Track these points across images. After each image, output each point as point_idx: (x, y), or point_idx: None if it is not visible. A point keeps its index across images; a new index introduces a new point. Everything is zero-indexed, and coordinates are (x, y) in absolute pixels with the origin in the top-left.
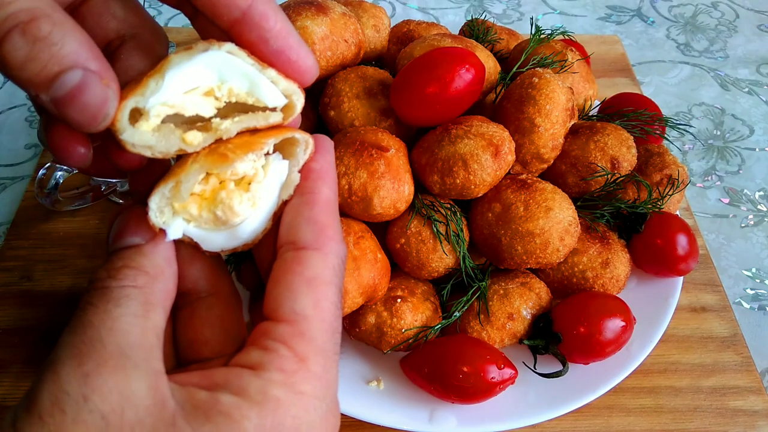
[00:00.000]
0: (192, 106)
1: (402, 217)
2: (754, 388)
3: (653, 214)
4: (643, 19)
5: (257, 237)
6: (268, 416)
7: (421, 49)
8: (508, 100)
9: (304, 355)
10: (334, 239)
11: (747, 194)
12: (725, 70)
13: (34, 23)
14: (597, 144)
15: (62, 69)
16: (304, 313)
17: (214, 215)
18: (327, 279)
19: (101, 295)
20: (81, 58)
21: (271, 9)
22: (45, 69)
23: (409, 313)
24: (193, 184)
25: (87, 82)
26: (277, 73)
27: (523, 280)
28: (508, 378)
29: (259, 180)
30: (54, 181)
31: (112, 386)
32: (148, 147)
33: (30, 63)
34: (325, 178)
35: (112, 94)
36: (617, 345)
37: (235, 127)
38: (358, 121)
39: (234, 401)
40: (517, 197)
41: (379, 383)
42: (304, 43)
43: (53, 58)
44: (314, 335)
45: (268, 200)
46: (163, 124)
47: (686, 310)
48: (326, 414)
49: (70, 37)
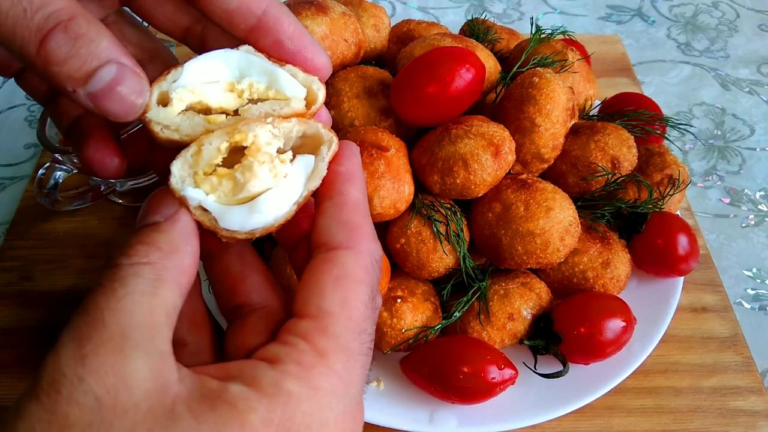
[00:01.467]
0: (214, 98)
1: (402, 217)
2: (755, 389)
3: (654, 214)
4: (644, 19)
5: (277, 221)
6: (277, 410)
7: (421, 48)
8: (509, 99)
9: (325, 351)
10: (366, 238)
11: (748, 194)
12: (726, 69)
13: (74, 21)
14: (597, 144)
15: (100, 64)
16: (329, 310)
17: (234, 180)
18: (358, 277)
19: (110, 274)
20: (114, 53)
21: (284, 13)
22: (85, 64)
23: (409, 314)
24: (215, 149)
25: (123, 74)
26: (294, 67)
27: (524, 280)
28: (509, 378)
29: (282, 158)
30: (53, 180)
31: (109, 368)
32: (176, 128)
33: (71, 59)
34: (353, 180)
35: (145, 84)
36: (618, 345)
37: (258, 110)
38: (358, 121)
39: (243, 392)
40: (517, 197)
41: (379, 383)
42: (317, 42)
43: (92, 54)
44: (338, 332)
45: (291, 182)
46: (188, 111)
47: (687, 311)
48: (343, 414)
49: (104, 36)
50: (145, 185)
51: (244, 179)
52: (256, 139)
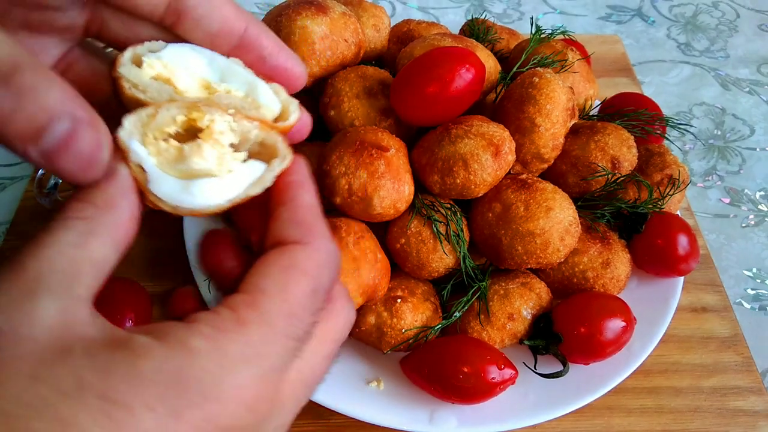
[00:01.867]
0: (183, 83)
1: (402, 217)
2: (755, 389)
3: (654, 214)
4: (644, 19)
5: (205, 209)
6: (173, 360)
7: (421, 48)
8: (509, 99)
9: (245, 320)
10: (321, 236)
11: (748, 194)
12: (726, 69)
13: (18, 75)
14: (597, 144)
15: (51, 118)
16: (265, 289)
17: (180, 152)
18: (305, 269)
19: (42, 229)
20: (68, 106)
21: (263, 30)
22: (33, 121)
23: (409, 313)
24: (170, 117)
25: (77, 128)
26: (279, 86)
27: (524, 280)
28: (509, 378)
29: (234, 155)
30: (53, 181)
31: (16, 304)
32: (143, 89)
33: (16, 115)
34: (305, 187)
35: (105, 137)
36: (618, 345)
37: (227, 100)
38: (358, 121)
39: (146, 341)
40: (517, 197)
41: (379, 383)
42: (295, 55)
43: (41, 109)
44: (266, 308)
45: (234, 180)
46: (158, 79)
47: (687, 311)
48: (245, 383)
49: (54, 86)
50: None
51: (189, 153)
52: (212, 123)
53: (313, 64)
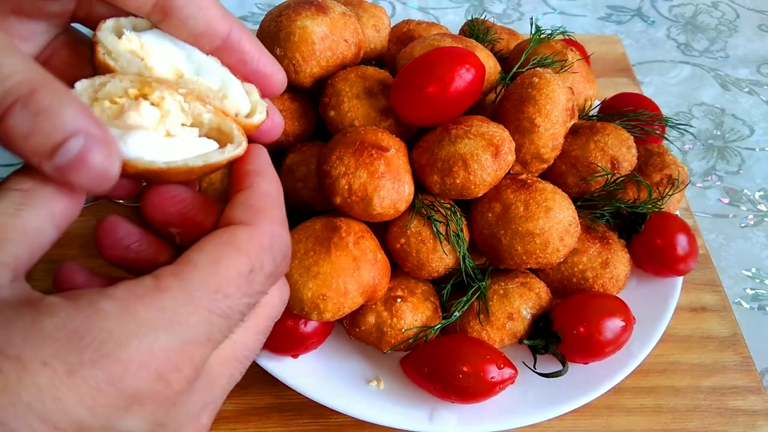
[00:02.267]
0: (157, 65)
1: (402, 217)
2: (754, 388)
3: (653, 214)
4: (644, 19)
5: (134, 161)
6: (77, 319)
7: (421, 49)
8: (508, 100)
9: (165, 288)
10: (272, 221)
11: (747, 194)
12: (725, 70)
13: (35, 96)
14: (597, 144)
15: (66, 137)
16: (195, 261)
17: (122, 107)
18: (243, 248)
19: None
20: (81, 124)
21: (246, 33)
22: (49, 139)
23: (409, 313)
24: (121, 87)
25: (90, 145)
26: (253, 87)
27: (523, 280)
28: (508, 378)
29: (179, 121)
30: None
31: None
32: (115, 58)
33: (33, 135)
34: (264, 174)
35: (116, 153)
36: (617, 345)
37: (194, 84)
38: (358, 121)
39: (55, 301)
40: (517, 197)
41: (379, 383)
42: (276, 61)
43: (56, 128)
44: (190, 279)
45: (174, 144)
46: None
47: (686, 310)
48: (154, 351)
49: (68, 105)
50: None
51: (128, 108)
52: (161, 101)
53: (313, 64)
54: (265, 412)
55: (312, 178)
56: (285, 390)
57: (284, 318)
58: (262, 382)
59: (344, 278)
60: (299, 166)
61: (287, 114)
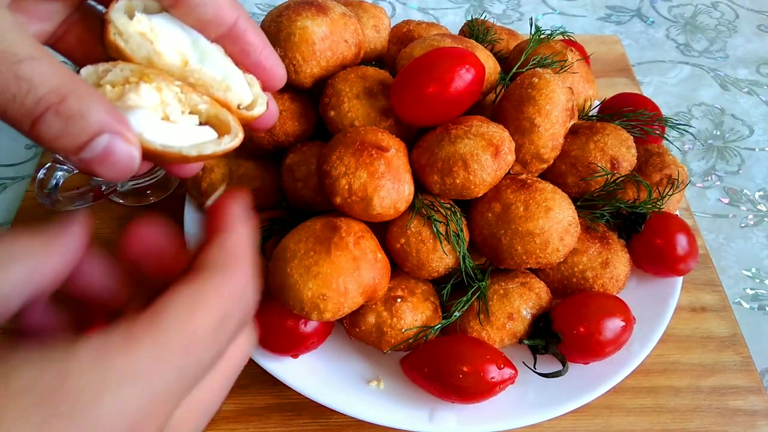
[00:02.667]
0: (164, 50)
1: (402, 217)
2: (754, 388)
3: (653, 214)
4: (643, 20)
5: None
6: (51, 370)
7: (421, 49)
8: (508, 100)
9: (138, 339)
10: (243, 267)
11: (747, 194)
12: (725, 70)
13: (65, 103)
14: (597, 144)
15: (92, 136)
16: (167, 310)
17: (123, 90)
18: (219, 295)
19: None
20: (106, 124)
21: (251, 25)
22: (77, 139)
23: (409, 313)
24: (122, 75)
25: (114, 143)
26: (255, 78)
27: (523, 280)
28: (508, 378)
29: (178, 110)
30: (54, 181)
31: None
32: (126, 39)
33: (63, 137)
34: (243, 220)
35: (135, 149)
36: (617, 345)
37: (200, 75)
38: (358, 121)
39: (26, 356)
40: (517, 197)
41: (379, 383)
42: (277, 55)
43: (83, 130)
44: (164, 330)
45: (173, 129)
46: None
47: (686, 310)
48: (129, 404)
49: (95, 107)
50: (146, 185)
51: (128, 90)
52: (159, 92)
53: (313, 65)
54: (265, 412)
55: (312, 178)
56: (285, 390)
57: (284, 318)
58: (262, 382)
59: (344, 278)
60: (299, 166)
61: (287, 114)
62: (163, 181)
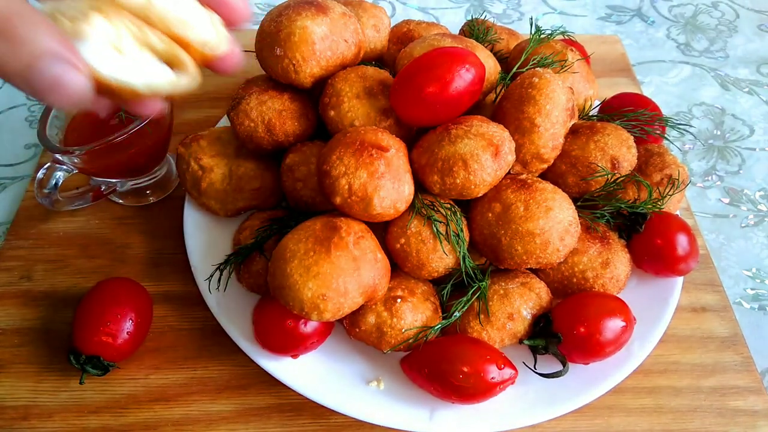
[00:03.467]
0: None
1: (402, 217)
2: (755, 388)
3: (653, 214)
4: (644, 19)
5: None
6: None
7: (421, 49)
8: (508, 100)
9: None
10: None
11: (747, 194)
12: (725, 70)
13: (9, 23)
14: (597, 144)
15: (36, 60)
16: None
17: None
18: None
19: None
20: (52, 49)
21: None
22: (21, 63)
23: (409, 313)
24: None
25: (62, 70)
26: (219, 18)
27: (523, 280)
28: (508, 378)
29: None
30: (54, 181)
31: None
32: None
33: (8, 62)
34: None
35: (84, 78)
36: (617, 345)
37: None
38: (358, 121)
39: None
40: (517, 197)
41: (379, 383)
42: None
43: (29, 53)
44: None
45: (126, 64)
46: None
47: (686, 310)
48: None
49: (41, 31)
50: (146, 185)
51: (80, 20)
52: (113, 25)
53: (313, 65)
54: (265, 412)
55: (312, 178)
56: (285, 390)
57: (284, 318)
58: (262, 382)
59: (344, 278)
60: (299, 166)
61: (287, 114)
62: (162, 181)
